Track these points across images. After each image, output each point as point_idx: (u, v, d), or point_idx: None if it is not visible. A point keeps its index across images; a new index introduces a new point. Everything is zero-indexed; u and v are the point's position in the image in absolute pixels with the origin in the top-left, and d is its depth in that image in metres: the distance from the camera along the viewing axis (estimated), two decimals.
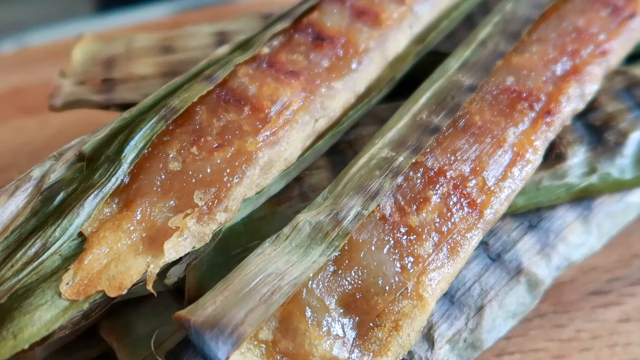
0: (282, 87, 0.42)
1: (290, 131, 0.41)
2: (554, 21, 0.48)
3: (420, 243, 0.37)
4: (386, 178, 0.38)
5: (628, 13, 0.49)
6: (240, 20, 0.55)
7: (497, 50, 0.45)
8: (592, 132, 0.46)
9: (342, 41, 0.46)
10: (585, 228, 0.45)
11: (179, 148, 0.39)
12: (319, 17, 0.48)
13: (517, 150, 0.41)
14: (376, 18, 0.48)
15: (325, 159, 0.44)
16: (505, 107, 0.42)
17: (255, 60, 0.44)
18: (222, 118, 0.40)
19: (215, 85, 0.42)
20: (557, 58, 0.45)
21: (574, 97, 0.44)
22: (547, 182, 0.43)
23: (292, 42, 0.46)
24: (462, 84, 0.43)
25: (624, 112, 0.46)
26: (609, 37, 0.47)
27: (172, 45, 0.52)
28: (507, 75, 0.44)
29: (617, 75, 0.50)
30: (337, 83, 0.44)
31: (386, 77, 0.48)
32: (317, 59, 0.45)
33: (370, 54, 0.46)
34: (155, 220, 0.36)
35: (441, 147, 0.40)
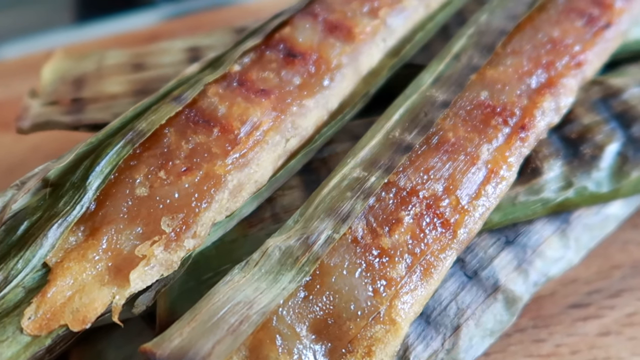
0: (253, 107, 0.41)
1: (261, 152, 0.40)
2: (529, 32, 0.47)
3: (393, 266, 0.36)
4: (358, 199, 0.37)
5: (604, 23, 0.48)
6: (213, 35, 0.54)
7: (471, 63, 0.45)
8: (568, 145, 0.45)
9: (314, 57, 0.45)
10: (563, 242, 0.44)
11: (146, 173, 0.38)
12: (290, 32, 0.47)
13: (491, 167, 0.40)
14: (349, 33, 0.47)
15: (298, 178, 0.44)
16: (479, 122, 0.42)
17: (225, 79, 0.44)
18: (191, 140, 0.40)
19: (184, 106, 0.41)
20: (531, 71, 0.45)
21: (548, 111, 0.43)
22: (523, 197, 0.43)
23: (264, 59, 0.45)
24: (435, 99, 0.43)
25: (600, 124, 0.46)
26: (585, 48, 0.47)
27: (143, 62, 0.51)
28: (481, 89, 0.44)
29: (593, 85, 0.49)
30: (308, 101, 0.43)
31: (360, 92, 0.47)
32: (288, 76, 0.44)
33: (342, 69, 0.45)
34: (122, 249, 0.35)
35: (414, 166, 0.40)
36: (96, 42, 0.86)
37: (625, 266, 0.50)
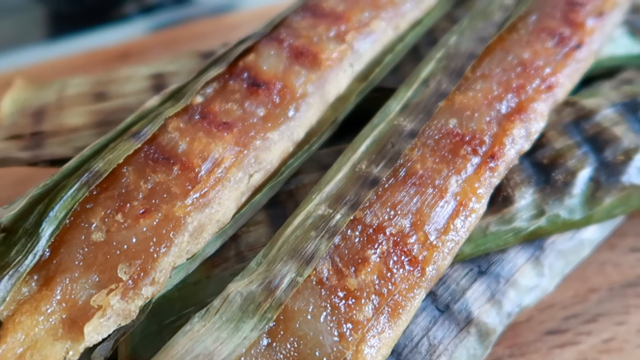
0: (214, 142, 0.40)
1: (222, 191, 0.39)
2: (499, 55, 0.47)
3: (359, 308, 0.35)
4: (322, 239, 0.36)
5: (575, 43, 0.47)
6: (178, 60, 0.53)
7: (440, 89, 0.44)
8: (540, 171, 0.44)
9: (278, 87, 0.44)
10: (537, 270, 0.44)
11: (103, 216, 0.37)
12: (255, 60, 0.46)
13: (461, 199, 0.39)
14: (315, 59, 0.46)
15: (264, 212, 0.42)
16: (448, 152, 0.41)
17: (187, 112, 0.42)
18: (150, 179, 0.38)
19: (143, 143, 0.40)
20: (501, 95, 0.44)
21: (519, 138, 0.42)
22: (494, 227, 0.42)
23: (227, 89, 0.44)
24: (403, 129, 0.42)
25: (573, 148, 0.45)
26: (555, 70, 0.46)
27: (106, 91, 0.50)
28: (449, 117, 0.43)
29: (566, 106, 0.48)
30: (273, 133, 0.42)
31: (328, 120, 0.46)
32: (252, 107, 0.43)
33: (308, 99, 0.44)
34: (77, 299, 0.34)
35: (380, 200, 0.38)
36: (67, 59, 0.84)
37: (602, 289, 0.49)
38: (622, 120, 0.47)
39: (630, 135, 0.45)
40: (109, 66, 0.81)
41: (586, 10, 0.49)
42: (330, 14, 0.49)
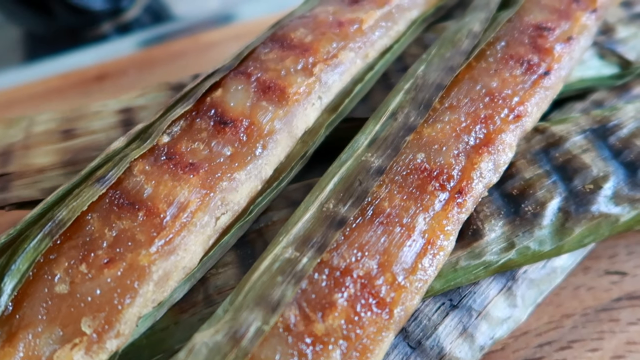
0: (180, 185, 0.40)
1: (188, 236, 0.38)
2: (467, 84, 0.46)
3: (327, 354, 0.35)
4: (289, 285, 0.36)
5: (543, 70, 0.47)
6: (147, 95, 0.52)
7: (408, 122, 0.44)
8: (510, 202, 0.44)
9: (245, 124, 0.43)
10: (509, 301, 0.44)
11: (66, 267, 0.36)
12: (222, 95, 0.45)
13: (428, 237, 0.39)
14: (282, 94, 0.45)
15: (233, 253, 0.42)
16: (415, 189, 0.41)
17: (153, 153, 0.42)
18: (115, 226, 0.38)
19: (108, 188, 0.39)
20: (469, 127, 0.44)
21: (486, 172, 0.42)
22: (464, 262, 0.42)
23: (194, 127, 0.44)
24: (370, 165, 0.41)
25: (542, 178, 0.45)
26: (524, 99, 0.46)
27: (74, 128, 0.49)
28: (417, 151, 0.42)
29: (535, 133, 0.48)
30: (240, 173, 0.42)
31: (297, 154, 0.46)
32: (218, 147, 0.42)
33: (275, 135, 0.44)
34: (40, 355, 0.34)
35: (348, 241, 0.38)
36: (43, 83, 0.83)
37: (576, 314, 0.49)
38: (591, 147, 0.47)
39: (599, 163, 0.45)
40: (84, 89, 0.81)
41: (554, 36, 0.49)
42: (299, 45, 0.49)
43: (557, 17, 0.51)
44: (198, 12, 1.06)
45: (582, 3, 0.52)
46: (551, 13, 0.51)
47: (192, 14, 1.06)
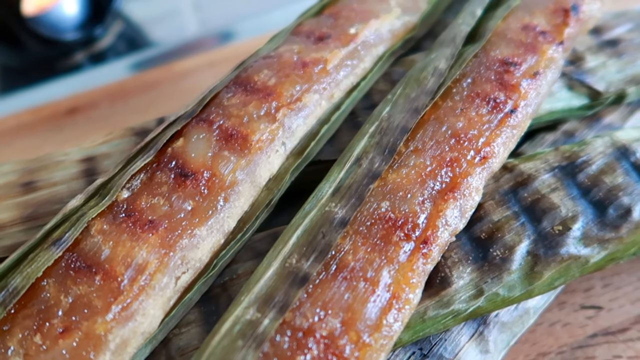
0: (139, 245, 0.39)
1: (146, 300, 0.37)
2: (433, 125, 0.46)
3: None
4: (250, 349, 0.35)
5: (509, 108, 0.47)
6: (110, 142, 0.51)
7: (372, 169, 0.43)
8: (478, 247, 0.43)
9: (206, 177, 0.43)
10: (481, 347, 0.43)
11: (20, 339, 0.35)
12: (184, 145, 0.45)
13: (394, 291, 0.38)
14: (245, 142, 0.45)
15: (197, 310, 0.41)
16: (380, 239, 0.40)
17: (111, 210, 0.41)
18: (71, 292, 0.37)
19: (64, 251, 0.38)
20: (435, 171, 0.43)
21: (452, 219, 0.41)
22: (432, 312, 0.41)
23: (154, 180, 0.43)
24: (334, 216, 0.41)
25: (511, 220, 0.44)
26: (490, 139, 0.45)
27: (35, 180, 0.48)
28: (382, 200, 0.42)
29: (504, 172, 0.48)
30: (201, 229, 0.41)
31: (262, 203, 0.45)
32: (179, 201, 0.41)
33: (238, 187, 0.43)
34: None
35: (311, 299, 0.37)
36: (14, 117, 0.82)
37: (552, 352, 0.48)
38: (560, 186, 0.46)
39: (568, 202, 0.45)
40: (56, 123, 0.80)
41: (521, 71, 0.49)
42: (262, 88, 0.48)
43: (524, 51, 0.50)
44: (176, 38, 1.05)
45: (548, 35, 0.51)
46: (517, 47, 0.50)
47: (170, 39, 1.05)
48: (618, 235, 0.44)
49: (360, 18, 0.55)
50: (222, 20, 1.09)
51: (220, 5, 1.13)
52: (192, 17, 1.13)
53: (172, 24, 1.10)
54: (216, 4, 1.14)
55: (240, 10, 1.11)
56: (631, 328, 0.49)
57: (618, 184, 0.46)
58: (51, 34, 0.88)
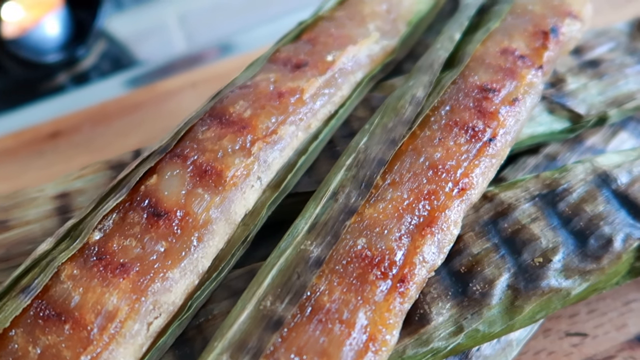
0: (109, 291, 0.38)
1: (117, 349, 0.37)
2: (410, 157, 0.45)
3: None
4: None
5: (488, 137, 0.46)
6: (85, 176, 0.51)
7: (349, 204, 0.42)
8: (457, 281, 0.43)
9: (179, 216, 0.42)
10: None
11: None
12: (157, 183, 0.44)
13: (370, 332, 0.38)
14: (219, 178, 0.44)
15: (172, 354, 0.40)
16: (356, 279, 0.39)
17: (82, 254, 0.40)
18: (40, 342, 0.36)
19: (33, 299, 0.38)
20: (412, 205, 0.42)
21: (430, 255, 0.41)
22: (411, 350, 0.40)
23: (126, 221, 0.42)
24: (309, 255, 0.40)
25: (490, 252, 0.44)
26: (468, 170, 0.44)
27: (7, 220, 0.47)
28: (358, 236, 0.41)
29: (484, 201, 0.47)
30: (173, 272, 0.40)
31: (238, 239, 0.44)
32: (151, 243, 0.41)
33: (212, 226, 0.42)
34: None
35: (285, 344, 0.37)
36: None
37: None
38: (540, 216, 0.45)
39: (549, 233, 0.44)
40: (38, 148, 0.79)
41: (500, 98, 0.48)
42: (237, 121, 0.47)
43: (502, 76, 0.49)
44: (163, 55, 1.04)
45: (527, 60, 0.51)
46: (496, 72, 0.50)
47: (156, 57, 1.04)
48: (599, 267, 0.43)
49: (337, 44, 0.54)
50: (210, 37, 1.08)
51: (208, 20, 1.12)
52: (179, 34, 1.12)
53: (158, 41, 1.09)
54: (203, 20, 1.13)
55: (228, 26, 1.10)
56: (616, 356, 0.48)
57: (599, 212, 0.45)
58: (32, 56, 0.87)
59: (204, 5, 1.17)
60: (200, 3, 1.17)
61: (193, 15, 1.15)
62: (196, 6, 1.17)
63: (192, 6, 1.17)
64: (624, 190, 0.46)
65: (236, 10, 1.14)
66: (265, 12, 1.11)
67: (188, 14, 1.15)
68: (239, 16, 1.13)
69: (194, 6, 1.17)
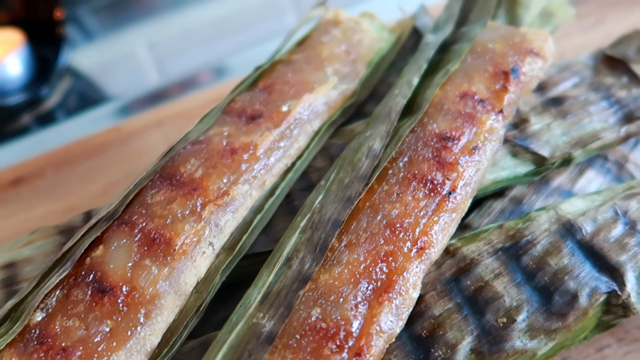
0: None
1: None
2: (367, 215, 0.43)
3: None
4: None
5: (447, 190, 0.44)
6: (33, 243, 0.49)
7: (303, 270, 0.40)
8: (419, 346, 0.41)
9: (125, 291, 0.40)
10: None
11: None
12: (103, 255, 0.42)
13: None
14: (168, 247, 0.42)
15: None
16: (310, 354, 0.37)
17: (23, 338, 0.38)
18: None
19: None
20: (369, 269, 0.41)
21: (388, 324, 0.39)
22: None
23: (70, 298, 0.40)
24: (261, 330, 0.38)
25: (453, 314, 0.42)
26: (427, 227, 0.43)
27: None
28: (312, 306, 0.39)
29: (446, 256, 0.45)
30: (118, 354, 0.38)
31: (191, 309, 0.43)
32: (96, 323, 0.39)
33: (160, 300, 0.40)
34: None
35: None
36: None
37: None
38: (504, 271, 0.44)
39: (512, 290, 0.43)
40: (0, 196, 0.77)
41: (459, 147, 0.47)
42: (188, 182, 0.45)
43: (462, 123, 0.48)
44: (134, 86, 1.02)
45: (487, 104, 0.49)
46: (455, 119, 0.48)
47: (127, 89, 1.02)
48: (565, 324, 0.41)
49: (294, 91, 0.52)
50: (181, 65, 1.07)
51: (178, 48, 1.11)
52: (149, 63, 1.10)
53: (127, 72, 1.07)
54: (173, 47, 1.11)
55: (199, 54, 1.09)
56: None
57: (564, 266, 0.43)
58: None
59: (173, 33, 1.15)
60: (169, 31, 1.16)
61: (163, 43, 1.13)
62: (166, 34, 1.15)
63: (162, 34, 1.15)
64: (589, 240, 0.45)
65: (207, 37, 1.13)
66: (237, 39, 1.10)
67: (158, 42, 1.13)
68: (210, 44, 1.11)
69: (163, 34, 1.15)
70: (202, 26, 1.16)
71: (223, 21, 1.16)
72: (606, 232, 0.45)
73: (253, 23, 1.15)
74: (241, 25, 1.14)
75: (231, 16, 1.16)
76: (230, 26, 1.14)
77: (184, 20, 1.17)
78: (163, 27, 1.16)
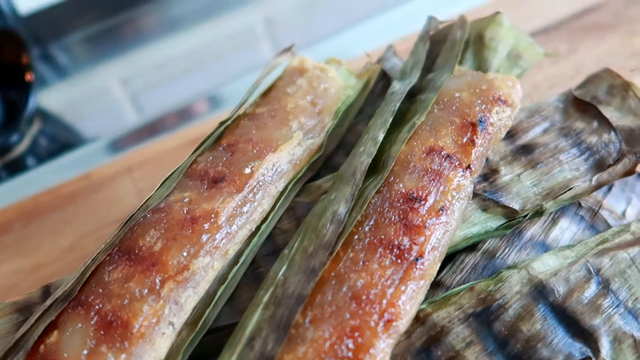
0: None
1: None
2: (332, 287, 0.42)
3: None
4: None
5: (415, 255, 0.43)
6: None
7: (265, 352, 0.39)
8: None
9: None
10: None
11: None
12: (57, 341, 0.40)
13: None
14: (125, 330, 0.40)
15: None
16: None
17: None
18: None
19: None
20: (334, 346, 0.39)
21: None
22: None
23: None
24: None
25: None
26: (394, 297, 0.41)
27: None
28: None
29: (416, 324, 0.44)
30: None
31: None
32: None
33: None
34: None
35: None
36: None
37: None
38: (475, 339, 0.42)
39: None
40: None
41: (426, 207, 0.45)
42: (147, 256, 0.44)
43: (428, 181, 0.47)
44: (108, 125, 1.00)
45: (454, 159, 0.48)
46: (421, 177, 0.47)
47: (100, 128, 1.01)
48: None
49: (257, 150, 0.51)
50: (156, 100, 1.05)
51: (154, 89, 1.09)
52: (124, 99, 1.08)
53: (100, 109, 1.06)
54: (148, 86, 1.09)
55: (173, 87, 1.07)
56: None
57: (536, 332, 0.42)
58: None
59: (147, 66, 1.14)
60: (143, 64, 1.14)
61: (136, 78, 1.11)
62: (139, 68, 1.13)
63: (135, 68, 1.14)
64: (561, 303, 0.43)
65: (181, 70, 1.11)
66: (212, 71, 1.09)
67: (131, 77, 1.12)
68: (184, 76, 1.10)
69: (136, 68, 1.14)
70: (175, 58, 1.14)
71: (196, 52, 1.14)
72: (579, 293, 0.44)
73: (228, 54, 1.14)
74: (215, 56, 1.13)
75: (204, 48, 1.15)
76: (205, 57, 1.13)
77: (157, 54, 1.16)
78: (135, 62, 1.15)
